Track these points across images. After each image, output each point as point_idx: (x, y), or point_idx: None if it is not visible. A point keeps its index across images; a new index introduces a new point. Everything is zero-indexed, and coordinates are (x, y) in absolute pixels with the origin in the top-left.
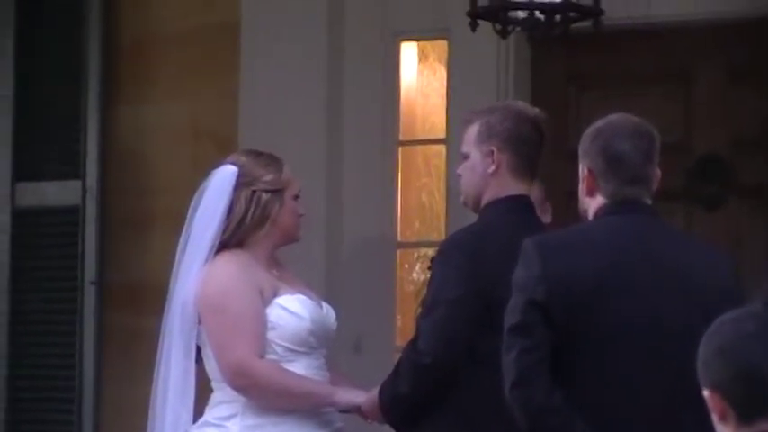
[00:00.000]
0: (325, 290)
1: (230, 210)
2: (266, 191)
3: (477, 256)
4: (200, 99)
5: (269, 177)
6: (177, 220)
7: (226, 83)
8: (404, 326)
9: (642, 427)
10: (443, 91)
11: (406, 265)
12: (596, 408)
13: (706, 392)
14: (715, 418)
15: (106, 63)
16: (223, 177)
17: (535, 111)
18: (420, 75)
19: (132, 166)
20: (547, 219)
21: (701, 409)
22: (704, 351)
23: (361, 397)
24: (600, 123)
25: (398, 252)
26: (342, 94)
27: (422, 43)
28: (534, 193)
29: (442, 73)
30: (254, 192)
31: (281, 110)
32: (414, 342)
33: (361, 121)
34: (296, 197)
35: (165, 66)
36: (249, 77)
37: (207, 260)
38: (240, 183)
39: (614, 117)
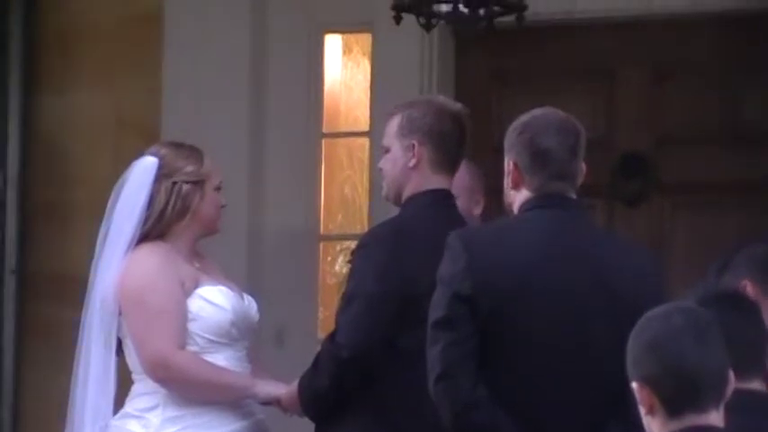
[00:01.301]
0: (247, 282)
1: (151, 201)
2: (187, 182)
3: (397, 250)
4: (124, 90)
5: (189, 169)
6: (99, 211)
7: (149, 74)
8: (326, 319)
9: (563, 422)
10: (367, 84)
11: (329, 258)
12: (519, 403)
13: (635, 385)
14: (642, 411)
15: (29, 53)
16: (143, 169)
17: (457, 105)
18: (344, 67)
19: (54, 156)
20: (477, 210)
21: (624, 406)
22: (633, 346)
23: (281, 389)
24: (526, 117)
25: (321, 245)
26: (266, 86)
27: (346, 36)
28: (465, 181)
29: (366, 66)
30: (174, 183)
31: (204, 101)
32: (332, 336)
33: (285, 113)
34: (217, 188)
35: (89, 56)
36: (172, 69)
37: (127, 252)
38: (160, 174)
39: (540, 111)
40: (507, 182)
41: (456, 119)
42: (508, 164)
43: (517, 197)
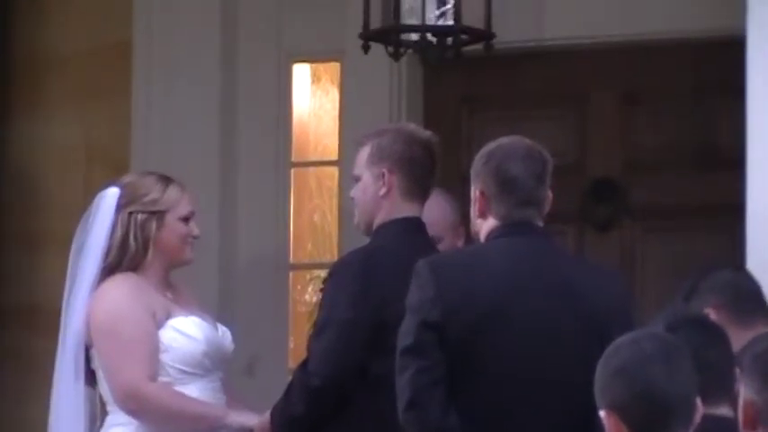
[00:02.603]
0: (218, 311)
1: (112, 232)
2: (143, 212)
3: (368, 277)
4: (94, 120)
5: (148, 198)
6: (70, 242)
7: (119, 105)
8: (296, 348)
9: None
10: (336, 113)
11: (299, 287)
12: (491, 430)
13: (602, 413)
14: None
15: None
16: (106, 200)
17: (427, 133)
18: (313, 96)
19: (25, 186)
20: (460, 242)
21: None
22: (602, 372)
23: (254, 420)
24: (492, 146)
25: (291, 274)
26: (235, 116)
27: (314, 65)
28: (449, 217)
29: (335, 95)
30: (130, 213)
31: (174, 131)
32: (304, 364)
33: (255, 143)
34: (185, 218)
35: (59, 86)
36: (142, 99)
37: (94, 284)
38: (120, 204)
39: (506, 140)
40: (474, 210)
41: (426, 146)
42: (474, 192)
43: (484, 225)
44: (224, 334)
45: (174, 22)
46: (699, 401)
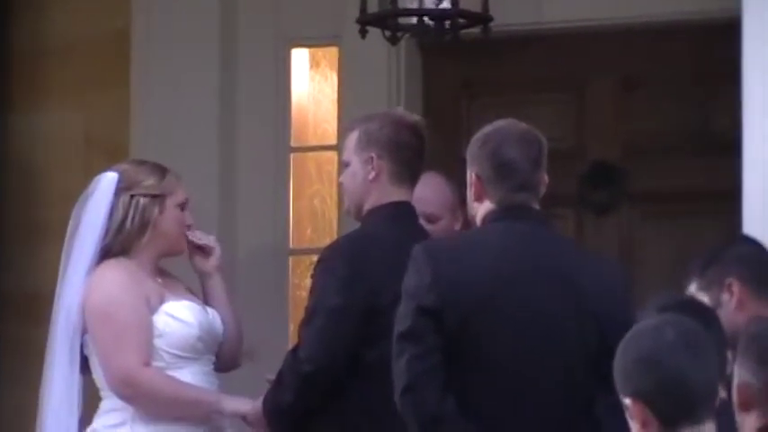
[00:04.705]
0: None
1: (110, 216)
2: (145, 195)
3: (358, 263)
4: (93, 109)
5: (148, 182)
6: None
7: (118, 92)
8: (296, 333)
9: None
10: (335, 97)
11: (299, 272)
12: (488, 417)
13: (627, 401)
14: (636, 426)
15: None
16: (104, 184)
17: (415, 117)
18: (312, 81)
19: (25, 174)
20: (457, 225)
21: (592, 419)
22: (624, 360)
23: (248, 405)
24: (488, 129)
25: (291, 259)
26: (234, 101)
27: (313, 50)
28: (448, 199)
29: (334, 80)
30: (132, 196)
31: (173, 118)
32: (294, 351)
33: (254, 128)
34: (181, 206)
35: (59, 74)
36: (141, 87)
37: (90, 268)
38: (120, 188)
39: (502, 123)
40: (470, 194)
41: (414, 130)
42: (471, 176)
43: (480, 209)
44: (214, 316)
45: (172, 10)
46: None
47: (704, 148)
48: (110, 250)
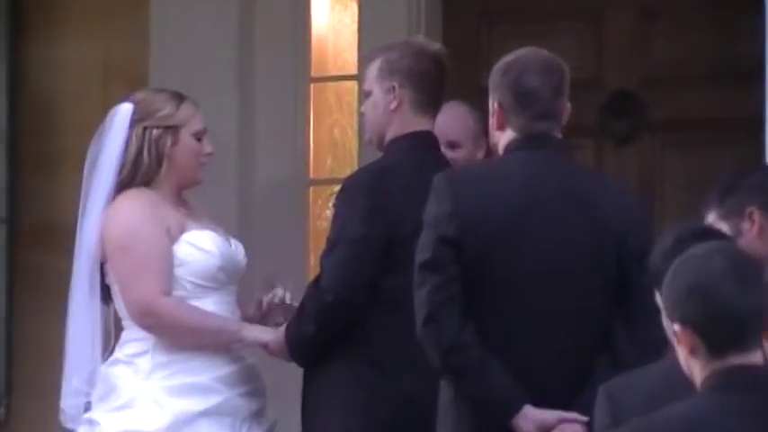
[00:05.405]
0: (237, 228)
1: (126, 148)
2: (157, 126)
3: (379, 193)
4: (111, 38)
5: (162, 113)
6: None
7: (136, 22)
8: (316, 264)
9: (551, 361)
10: (355, 27)
11: (320, 202)
12: (507, 344)
13: (676, 327)
14: (683, 351)
15: (14, 2)
16: (119, 116)
17: (436, 45)
18: (332, 11)
19: (42, 106)
20: (480, 153)
21: (611, 342)
22: (673, 287)
23: (269, 335)
24: (509, 58)
25: (311, 189)
26: (253, 32)
27: None
28: (471, 128)
29: (354, 9)
30: (145, 128)
31: (191, 49)
32: (316, 281)
33: (273, 58)
34: (197, 136)
35: (76, 5)
36: (159, 17)
37: (108, 200)
38: (134, 120)
39: (523, 52)
40: (492, 122)
41: (435, 59)
42: (493, 105)
43: (502, 137)
44: (237, 248)
45: None
46: None
47: (725, 76)
48: (131, 182)
